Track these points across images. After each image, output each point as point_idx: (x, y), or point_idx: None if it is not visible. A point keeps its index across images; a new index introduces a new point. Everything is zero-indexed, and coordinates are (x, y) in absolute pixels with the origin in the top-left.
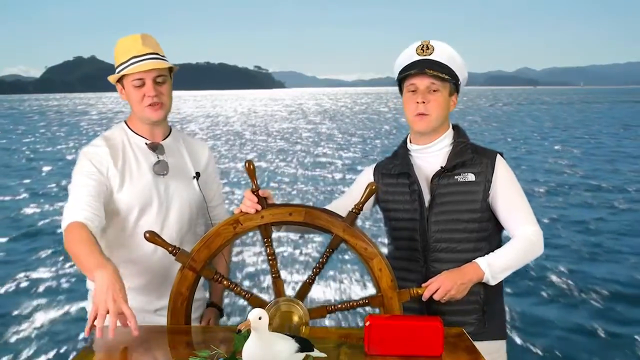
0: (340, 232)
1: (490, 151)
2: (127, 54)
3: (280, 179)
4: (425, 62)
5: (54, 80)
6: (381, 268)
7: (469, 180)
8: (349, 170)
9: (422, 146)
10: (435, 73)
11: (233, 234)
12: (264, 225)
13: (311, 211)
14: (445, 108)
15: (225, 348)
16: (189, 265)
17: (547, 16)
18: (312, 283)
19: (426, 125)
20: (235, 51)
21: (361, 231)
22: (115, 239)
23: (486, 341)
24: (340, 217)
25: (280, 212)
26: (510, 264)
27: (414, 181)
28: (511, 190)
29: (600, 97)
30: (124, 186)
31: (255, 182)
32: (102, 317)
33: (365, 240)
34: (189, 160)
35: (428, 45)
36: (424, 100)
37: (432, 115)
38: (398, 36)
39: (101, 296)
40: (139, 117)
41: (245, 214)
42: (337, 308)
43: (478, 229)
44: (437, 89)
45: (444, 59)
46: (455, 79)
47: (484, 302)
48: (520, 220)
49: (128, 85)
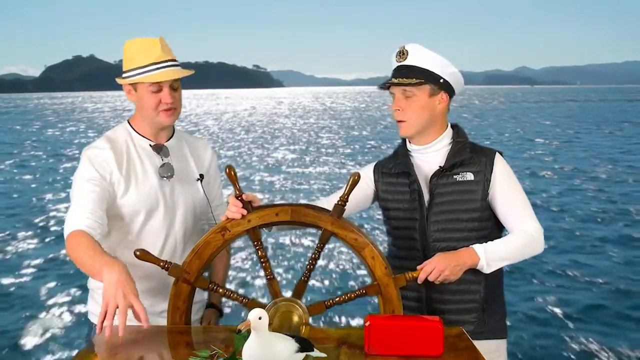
0: (329, 225)
1: (489, 150)
2: (145, 58)
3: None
4: (400, 70)
5: (54, 79)
6: (374, 256)
7: (468, 180)
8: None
9: (421, 146)
10: (403, 81)
11: (222, 241)
12: (252, 229)
13: (297, 209)
14: (426, 110)
15: (225, 348)
16: (183, 278)
17: (546, 15)
18: (307, 280)
19: (405, 131)
20: (234, 50)
21: (350, 222)
22: (120, 242)
23: (486, 340)
24: (327, 211)
25: (267, 214)
26: (508, 254)
27: (414, 180)
28: (510, 188)
29: (591, 96)
30: (129, 190)
31: (238, 187)
32: (112, 314)
33: (355, 231)
34: (192, 161)
35: (403, 50)
36: (398, 107)
37: (409, 121)
38: (397, 35)
39: (110, 292)
40: (151, 121)
41: (232, 220)
42: (335, 302)
43: (477, 228)
44: (412, 94)
45: (417, 62)
46: (436, 78)
47: (484, 301)
48: (520, 218)
49: (143, 90)
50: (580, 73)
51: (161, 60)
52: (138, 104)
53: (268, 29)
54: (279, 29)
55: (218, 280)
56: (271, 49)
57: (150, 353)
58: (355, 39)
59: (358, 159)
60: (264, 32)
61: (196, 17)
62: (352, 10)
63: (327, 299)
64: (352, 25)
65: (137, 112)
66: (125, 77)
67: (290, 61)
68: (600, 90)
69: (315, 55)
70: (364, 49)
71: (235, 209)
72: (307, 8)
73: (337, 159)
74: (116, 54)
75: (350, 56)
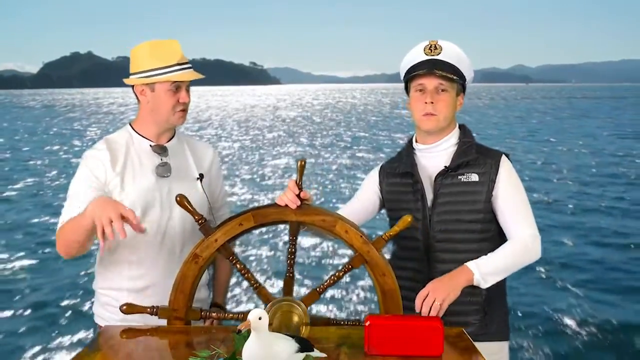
0: (293, 216)
1: (495, 152)
2: (169, 58)
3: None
4: (434, 62)
5: (51, 76)
6: (346, 230)
7: (472, 181)
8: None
9: (428, 145)
10: (443, 73)
11: (199, 268)
12: (221, 246)
13: (258, 212)
14: (453, 108)
15: (225, 348)
16: (175, 317)
17: (543, 13)
18: (292, 276)
19: (434, 124)
20: (231, 47)
21: (314, 207)
22: (118, 240)
23: (488, 342)
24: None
25: (231, 227)
26: (501, 267)
27: (417, 180)
28: (512, 192)
29: (581, 94)
30: (126, 188)
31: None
32: (108, 225)
33: (320, 212)
34: (192, 161)
35: (436, 45)
36: (432, 101)
37: (440, 115)
38: (395, 34)
39: (97, 211)
40: (164, 122)
41: (201, 243)
42: (327, 285)
43: (480, 230)
44: (446, 89)
45: (452, 59)
46: (463, 79)
47: (486, 303)
48: (518, 223)
49: (161, 89)
50: (576, 71)
51: (185, 61)
52: (149, 105)
53: (265, 27)
54: (276, 26)
55: (220, 285)
56: (268, 46)
57: (150, 353)
58: (352, 36)
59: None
60: (261, 29)
61: (195, 14)
62: (349, 8)
63: (318, 285)
64: (350, 23)
65: (144, 113)
66: (142, 76)
67: (287, 58)
68: (591, 88)
69: (312, 53)
70: (361, 47)
71: (291, 196)
72: (305, 6)
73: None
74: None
75: (347, 54)
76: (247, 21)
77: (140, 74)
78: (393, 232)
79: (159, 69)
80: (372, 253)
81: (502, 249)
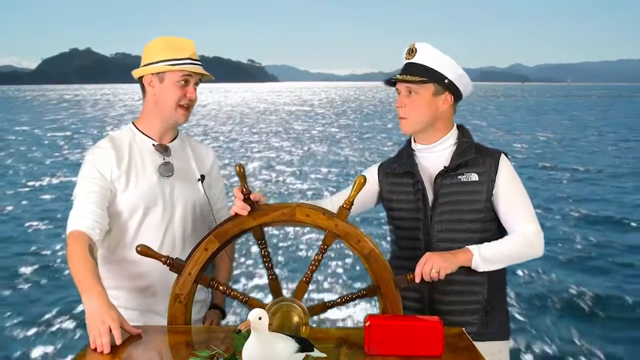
0: (252, 222)
1: (494, 151)
2: (183, 52)
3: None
4: (407, 66)
5: (50, 72)
6: (307, 214)
7: (472, 180)
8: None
9: (426, 146)
10: (407, 78)
11: (184, 306)
12: (200, 278)
13: (219, 231)
14: (429, 109)
15: (225, 348)
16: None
17: (541, 13)
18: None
19: (406, 128)
20: (229, 45)
21: (266, 205)
22: (119, 239)
23: (488, 342)
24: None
25: (199, 255)
26: (501, 255)
27: (418, 180)
28: (513, 190)
29: (571, 93)
30: (129, 187)
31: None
32: (99, 337)
33: (277, 207)
34: (194, 162)
35: (413, 48)
36: (401, 105)
37: (410, 118)
38: (392, 32)
39: (92, 320)
40: (166, 117)
41: (177, 282)
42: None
43: (481, 229)
44: (415, 92)
45: (426, 61)
46: (441, 78)
47: (486, 302)
48: (520, 220)
49: (170, 81)
50: (573, 71)
51: (197, 57)
52: (155, 97)
53: (263, 24)
54: (274, 24)
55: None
56: (266, 44)
57: (150, 353)
58: (350, 34)
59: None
60: (259, 27)
61: (194, 11)
62: (347, 6)
63: (304, 275)
64: (348, 20)
65: (149, 107)
66: (153, 66)
67: (284, 56)
68: (586, 87)
69: (309, 51)
70: (359, 45)
71: (239, 204)
72: (303, 4)
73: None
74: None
75: (344, 51)
76: (245, 19)
77: (151, 65)
78: (351, 197)
79: (171, 60)
80: (340, 225)
81: (505, 239)
